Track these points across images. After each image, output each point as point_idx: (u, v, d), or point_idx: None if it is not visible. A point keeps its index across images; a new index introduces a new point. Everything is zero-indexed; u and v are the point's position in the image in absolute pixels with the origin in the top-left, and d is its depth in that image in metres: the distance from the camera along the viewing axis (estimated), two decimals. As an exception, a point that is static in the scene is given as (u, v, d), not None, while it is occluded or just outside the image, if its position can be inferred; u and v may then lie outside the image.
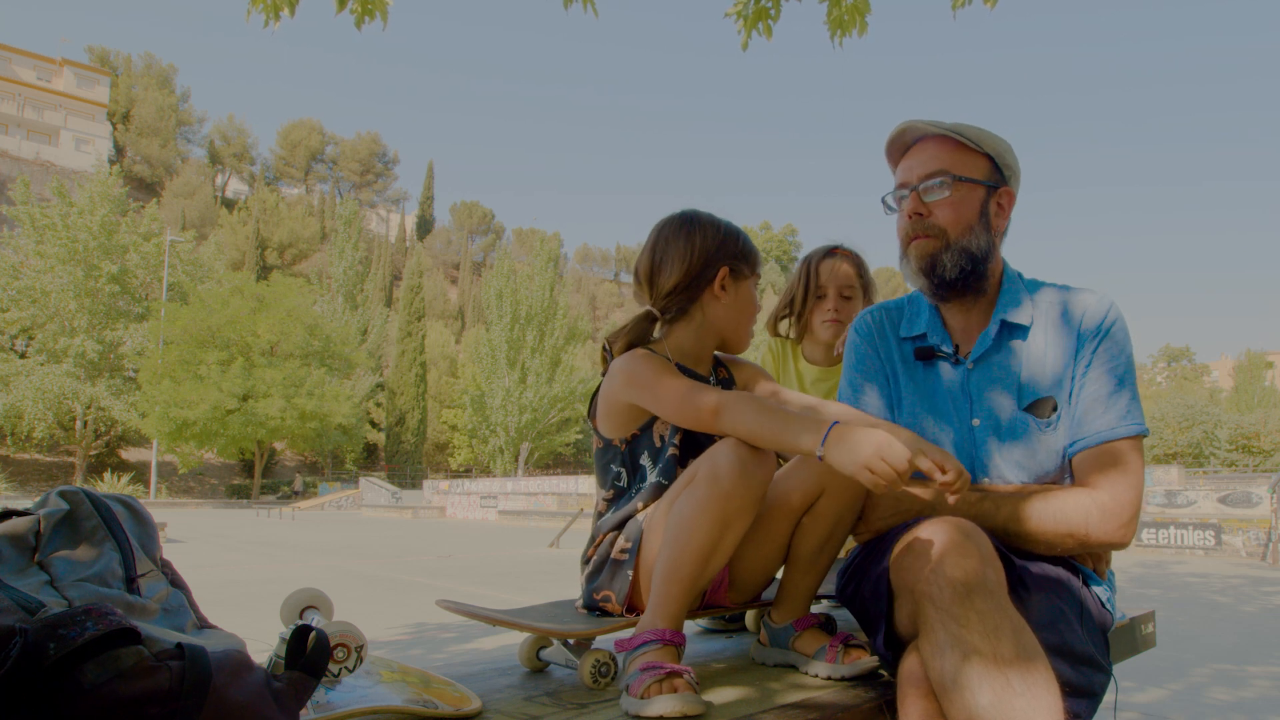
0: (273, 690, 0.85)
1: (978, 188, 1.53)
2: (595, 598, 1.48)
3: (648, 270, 1.55)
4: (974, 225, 1.52)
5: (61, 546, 1.01)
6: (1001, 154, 1.55)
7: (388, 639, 5.43)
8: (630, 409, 1.48)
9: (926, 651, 1.14)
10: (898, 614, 1.28)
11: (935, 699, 1.14)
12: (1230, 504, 14.35)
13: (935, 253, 1.52)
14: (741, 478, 1.25)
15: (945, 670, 1.09)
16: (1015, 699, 1.03)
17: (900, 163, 1.60)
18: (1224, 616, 6.89)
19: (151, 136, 66.25)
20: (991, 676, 1.05)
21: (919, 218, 1.53)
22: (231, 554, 13.05)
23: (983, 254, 1.52)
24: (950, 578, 1.14)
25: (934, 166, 1.52)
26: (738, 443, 1.28)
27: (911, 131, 1.57)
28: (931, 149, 1.54)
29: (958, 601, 1.12)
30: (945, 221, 1.52)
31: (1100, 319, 1.50)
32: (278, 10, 3.61)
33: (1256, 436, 42.20)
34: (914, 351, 1.61)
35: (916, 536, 1.23)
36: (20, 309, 37.77)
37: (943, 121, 1.55)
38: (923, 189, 1.53)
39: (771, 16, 3.87)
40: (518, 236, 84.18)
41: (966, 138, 1.52)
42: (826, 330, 2.26)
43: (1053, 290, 1.58)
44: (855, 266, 2.30)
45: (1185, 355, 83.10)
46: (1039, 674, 1.06)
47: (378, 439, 51.74)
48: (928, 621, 1.15)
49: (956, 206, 1.51)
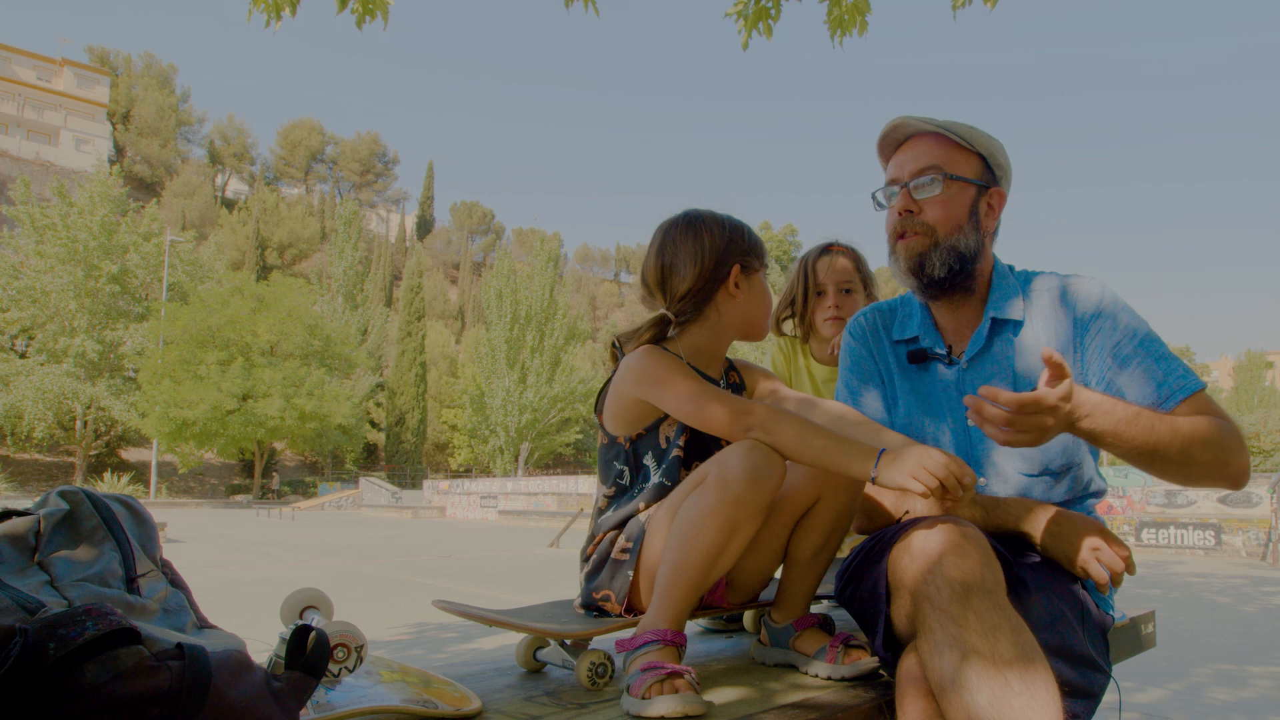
0: (273, 690, 0.85)
1: (969, 186, 1.52)
2: (594, 597, 1.48)
3: (658, 275, 1.53)
4: (963, 224, 1.51)
5: (61, 546, 1.01)
6: (993, 153, 1.54)
7: (388, 639, 5.43)
8: (639, 406, 1.48)
9: (925, 651, 1.14)
10: (895, 614, 1.28)
11: (934, 699, 1.13)
12: (1230, 504, 14.36)
13: (924, 251, 1.51)
14: (752, 484, 1.25)
15: (943, 670, 1.09)
16: (1014, 699, 1.03)
17: (891, 159, 1.59)
18: (1224, 616, 6.89)
19: (151, 136, 66.24)
20: (990, 676, 1.05)
21: (909, 214, 1.52)
22: (231, 554, 13.05)
23: (971, 254, 1.52)
24: (948, 578, 1.14)
25: (926, 163, 1.51)
26: (750, 447, 1.28)
27: (904, 128, 1.56)
28: (923, 146, 1.53)
29: (956, 601, 1.11)
30: (935, 219, 1.51)
31: (1096, 302, 1.48)
32: (279, 10, 3.61)
33: (1256, 436, 42.17)
34: (907, 354, 1.61)
35: (914, 536, 1.23)
36: (20, 309, 37.76)
37: (935, 119, 1.54)
38: (914, 186, 1.52)
39: (771, 16, 3.87)
40: (518, 236, 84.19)
41: (959, 135, 1.52)
42: (829, 328, 2.26)
43: (1043, 278, 1.57)
44: (852, 261, 2.29)
45: (1185, 355, 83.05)
46: (1038, 674, 1.06)
47: (378, 439, 51.74)
48: (926, 622, 1.14)
49: (947, 204, 1.51)
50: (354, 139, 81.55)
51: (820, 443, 1.30)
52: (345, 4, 3.53)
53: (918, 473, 1.20)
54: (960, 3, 3.89)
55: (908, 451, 1.24)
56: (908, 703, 1.17)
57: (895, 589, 1.26)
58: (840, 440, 1.31)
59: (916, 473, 1.20)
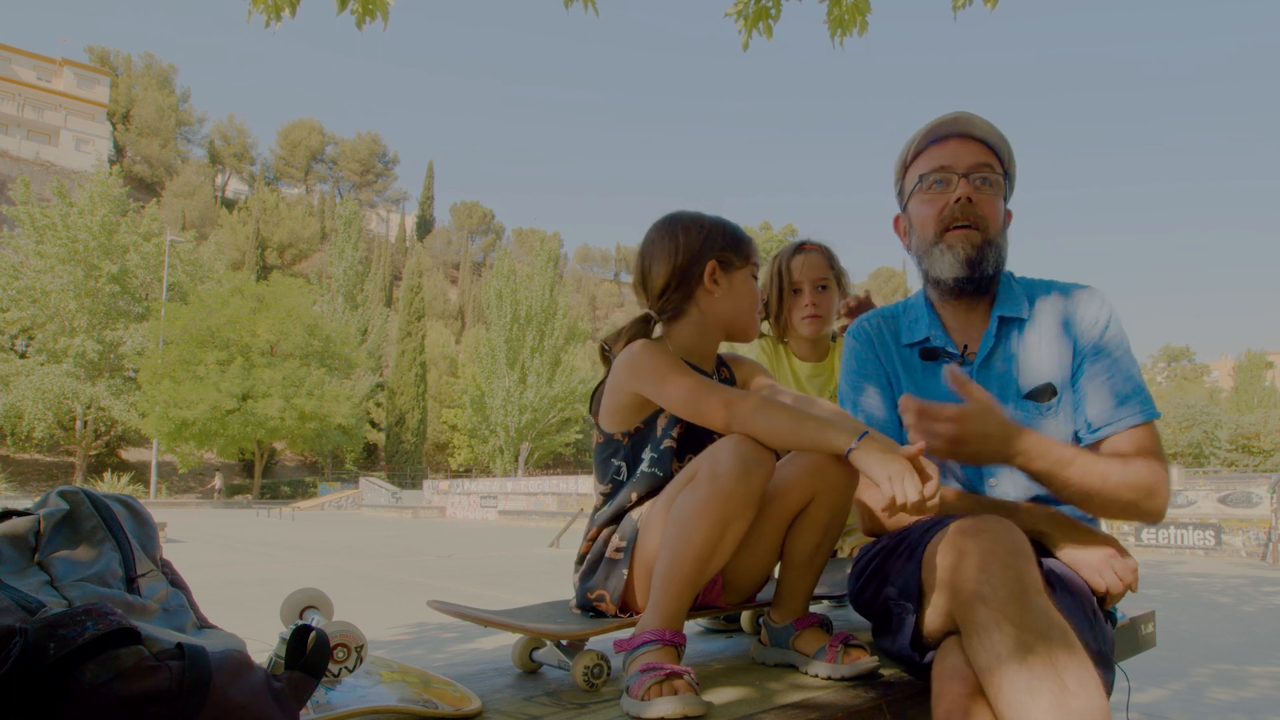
0: (273, 690, 0.85)
1: (1002, 195, 1.57)
2: (589, 596, 1.48)
3: (638, 274, 1.58)
4: (1002, 229, 1.56)
5: (61, 546, 1.01)
6: (1013, 174, 1.60)
7: (388, 639, 5.43)
8: (634, 401, 1.48)
9: (976, 651, 1.13)
10: (929, 614, 1.28)
11: (981, 697, 1.13)
12: (1230, 504, 14.34)
13: (981, 244, 1.52)
14: (743, 476, 1.26)
15: (1001, 672, 1.09)
16: (1072, 700, 1.03)
17: (933, 149, 1.57)
18: (1224, 616, 6.89)
19: (151, 136, 66.23)
20: (1049, 678, 1.05)
21: (968, 203, 1.51)
22: (231, 554, 13.05)
23: (1003, 259, 1.56)
24: (1001, 577, 1.13)
25: (985, 158, 1.53)
26: (739, 440, 1.29)
27: (968, 124, 1.55)
28: (976, 145, 1.55)
29: (1013, 601, 1.11)
30: (988, 215, 1.53)
31: (1096, 316, 1.52)
32: (279, 10, 3.61)
33: (1256, 436, 42.19)
34: (919, 353, 1.62)
35: (957, 535, 1.22)
36: (20, 309, 37.76)
37: (996, 128, 1.56)
38: (974, 179, 1.52)
39: (772, 16, 3.87)
40: (518, 236, 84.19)
41: (1001, 153, 1.56)
42: (807, 326, 2.26)
43: (1046, 288, 1.60)
44: (826, 258, 2.30)
45: (1185, 355, 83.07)
46: (1090, 674, 1.07)
47: (378, 439, 51.72)
48: (979, 621, 1.13)
49: (996, 205, 1.54)
50: (354, 139, 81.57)
51: (799, 422, 1.30)
52: (345, 4, 3.53)
53: (896, 481, 1.16)
54: (961, 3, 3.88)
55: (896, 456, 1.19)
56: (951, 700, 1.16)
57: (932, 587, 1.26)
58: (816, 417, 1.31)
59: (895, 480, 1.16)
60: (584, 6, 3.85)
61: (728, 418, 1.34)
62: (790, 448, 1.34)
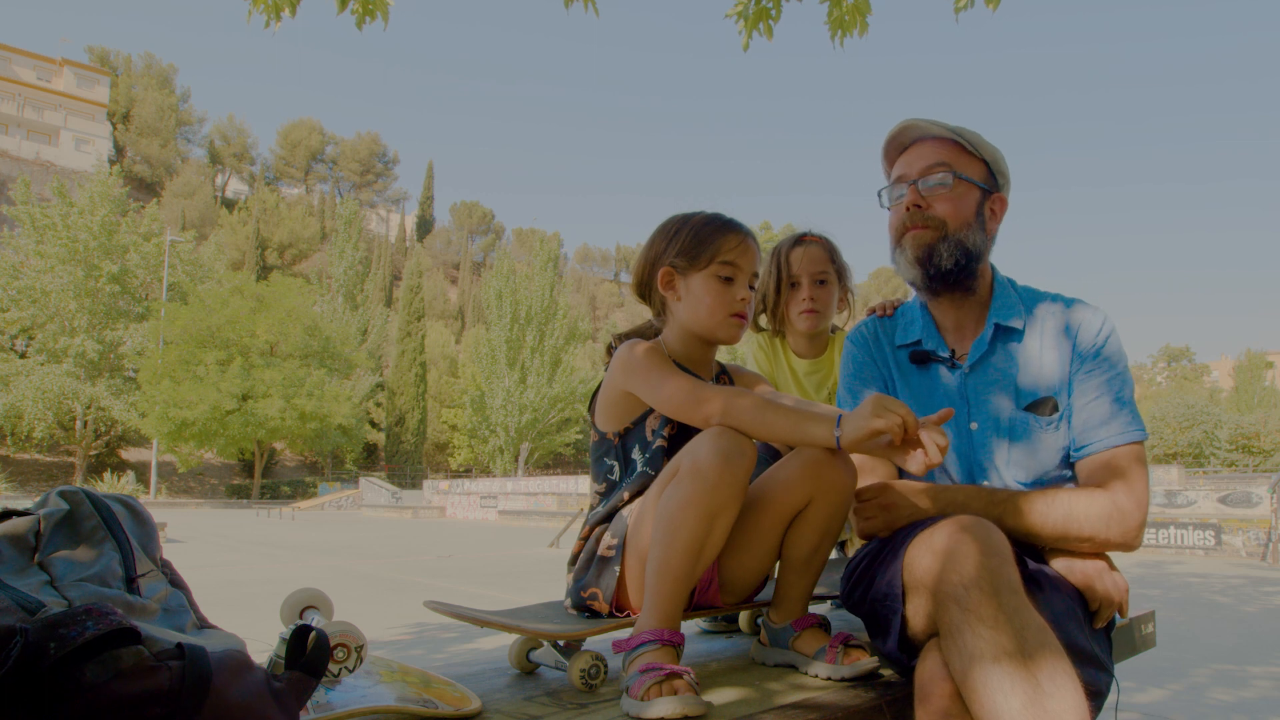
0: (273, 690, 0.85)
1: (974, 189, 1.55)
2: (582, 595, 1.48)
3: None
4: (971, 223, 1.54)
5: (61, 546, 1.01)
6: (996, 160, 1.57)
7: (388, 639, 5.43)
8: (626, 399, 1.49)
9: (951, 652, 1.13)
10: (911, 614, 1.27)
11: (960, 700, 1.12)
12: (1230, 504, 14.34)
13: (932, 243, 1.53)
14: (725, 468, 1.26)
15: (974, 671, 1.08)
16: (1046, 701, 1.03)
17: (898, 160, 1.61)
18: (1224, 616, 6.89)
19: (151, 136, 66.23)
20: (1022, 679, 1.04)
21: (917, 210, 1.54)
22: (231, 554, 13.05)
23: (977, 251, 1.55)
24: (976, 576, 1.13)
25: (935, 160, 1.54)
26: (718, 433, 1.29)
27: (913, 130, 1.58)
28: (932, 146, 1.56)
29: (986, 601, 1.11)
30: (945, 214, 1.53)
31: (1096, 332, 1.53)
32: (278, 11, 3.61)
33: (1256, 436, 42.15)
34: (910, 355, 1.62)
35: (936, 534, 1.22)
36: (20, 309, 37.76)
37: (944, 123, 1.56)
38: (923, 182, 1.54)
39: (772, 17, 3.87)
40: (518, 236, 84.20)
41: (966, 140, 1.55)
42: (803, 321, 2.18)
43: (1047, 300, 1.60)
44: (827, 251, 2.21)
45: (1185, 355, 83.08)
46: (1066, 674, 1.06)
47: (378, 439, 51.72)
48: (952, 622, 1.13)
49: (956, 202, 1.53)
50: (354, 139, 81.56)
51: (783, 418, 1.32)
52: (345, 4, 3.53)
53: (880, 411, 1.21)
54: (963, 4, 3.88)
55: (864, 401, 1.25)
56: (933, 702, 1.16)
57: (912, 588, 1.25)
58: (799, 412, 1.32)
59: (879, 412, 1.21)
60: (584, 6, 3.85)
61: (718, 416, 1.35)
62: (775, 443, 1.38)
